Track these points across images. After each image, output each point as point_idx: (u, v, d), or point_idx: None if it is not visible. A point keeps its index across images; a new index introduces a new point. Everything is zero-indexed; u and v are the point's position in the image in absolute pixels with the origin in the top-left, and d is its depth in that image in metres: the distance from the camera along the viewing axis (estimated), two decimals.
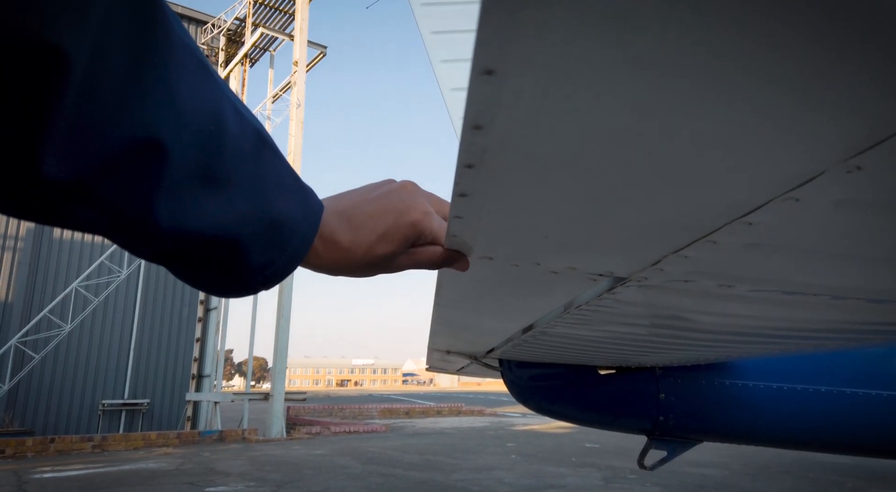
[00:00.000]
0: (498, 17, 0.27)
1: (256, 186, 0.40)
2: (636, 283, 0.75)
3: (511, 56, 0.29)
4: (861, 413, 2.18)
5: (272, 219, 0.41)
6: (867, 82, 0.31)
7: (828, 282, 0.63)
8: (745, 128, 0.36)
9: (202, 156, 0.36)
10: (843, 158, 0.37)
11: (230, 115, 0.38)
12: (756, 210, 0.47)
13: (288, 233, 0.43)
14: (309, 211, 0.45)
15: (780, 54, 0.29)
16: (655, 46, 0.28)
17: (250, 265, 0.42)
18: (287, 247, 0.43)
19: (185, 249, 0.38)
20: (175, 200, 0.36)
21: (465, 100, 0.33)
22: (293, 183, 0.44)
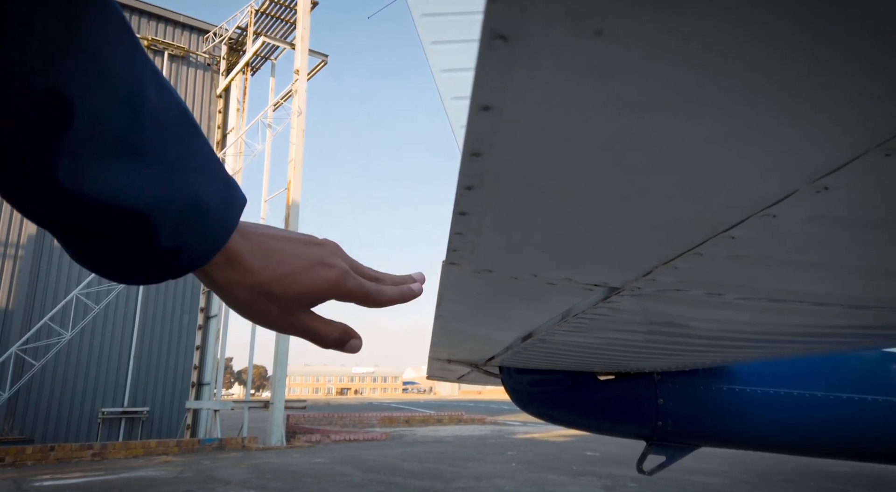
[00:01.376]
0: (494, 62, 0.30)
1: (174, 164, 0.38)
2: (630, 292, 0.79)
3: (507, 93, 0.33)
4: (857, 418, 2.21)
5: (189, 200, 0.39)
6: (831, 110, 0.35)
7: (808, 290, 0.66)
8: (725, 152, 0.39)
9: (114, 121, 0.35)
10: (811, 178, 0.41)
11: (151, 86, 0.37)
12: (737, 225, 0.50)
13: (205, 219, 0.40)
14: (231, 202, 0.43)
15: (753, 85, 0.32)
16: (634, 86, 0.32)
17: (161, 248, 0.39)
18: (203, 234, 0.41)
19: (90, 217, 0.36)
20: (81, 163, 0.34)
21: (464, 108, 0.37)
22: (217, 170, 0.42)
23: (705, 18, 0.27)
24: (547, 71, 0.31)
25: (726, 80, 0.32)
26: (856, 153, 0.36)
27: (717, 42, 0.29)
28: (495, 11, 0.27)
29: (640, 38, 0.28)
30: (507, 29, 0.28)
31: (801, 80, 0.32)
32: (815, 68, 0.31)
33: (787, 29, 0.28)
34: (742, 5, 0.26)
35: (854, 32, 0.28)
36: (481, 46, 0.29)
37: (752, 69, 0.31)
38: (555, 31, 0.28)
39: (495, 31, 0.28)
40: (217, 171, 0.42)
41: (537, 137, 0.38)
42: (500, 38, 0.28)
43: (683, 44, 0.29)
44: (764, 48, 0.29)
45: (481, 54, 0.30)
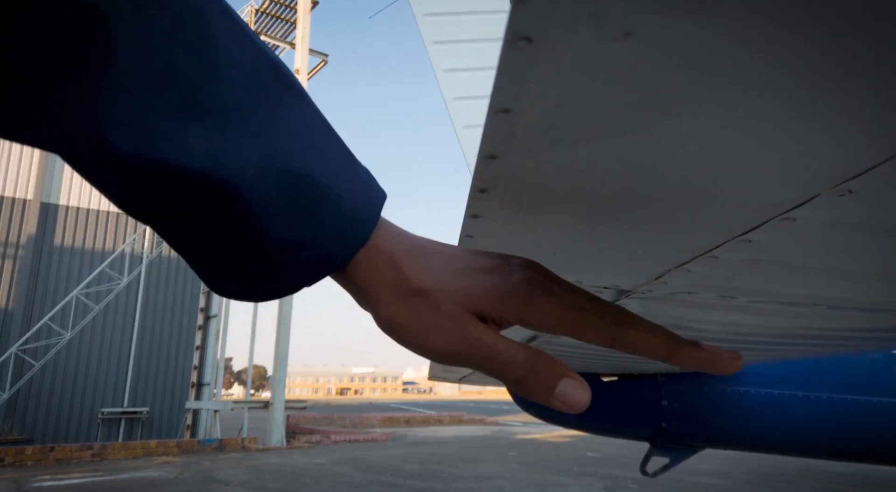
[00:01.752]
0: (517, 63, 0.29)
1: (264, 130, 0.31)
2: (640, 295, 0.78)
3: (527, 96, 0.32)
4: (862, 420, 2.20)
5: (297, 177, 0.31)
6: (857, 114, 0.34)
7: (824, 294, 0.65)
8: (745, 155, 0.39)
9: (168, 62, 0.28)
10: (835, 182, 0.40)
11: (222, 28, 0.30)
12: (755, 229, 0.50)
13: (328, 200, 0.32)
14: (366, 189, 0.35)
15: (778, 89, 0.32)
16: (660, 89, 0.31)
17: (274, 240, 0.31)
18: (330, 224, 0.32)
19: (168, 190, 0.29)
20: (132, 114, 0.28)
21: (467, 109, 0.36)
22: (338, 147, 0.34)
23: (735, 21, 0.26)
24: (571, 73, 0.30)
25: (753, 84, 0.31)
26: (882, 157, 0.35)
27: (746, 45, 0.28)
28: (521, 12, 0.26)
29: (669, 40, 0.27)
30: (532, 30, 0.27)
31: (829, 85, 0.31)
32: (844, 73, 0.30)
33: (816, 32, 0.27)
34: (773, 9, 0.26)
35: (883, 37, 0.27)
36: (504, 48, 0.29)
37: (779, 73, 0.30)
38: (581, 32, 0.27)
39: (520, 33, 0.27)
40: (339, 149, 0.34)
41: (555, 140, 0.37)
42: (524, 40, 0.28)
43: (712, 47, 0.28)
44: (792, 52, 0.29)
45: (504, 56, 0.29)
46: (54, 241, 11.93)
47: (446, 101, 2.61)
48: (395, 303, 0.34)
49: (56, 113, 0.27)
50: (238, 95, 0.30)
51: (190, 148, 0.29)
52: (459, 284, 0.34)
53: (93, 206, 12.41)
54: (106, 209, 12.51)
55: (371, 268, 0.34)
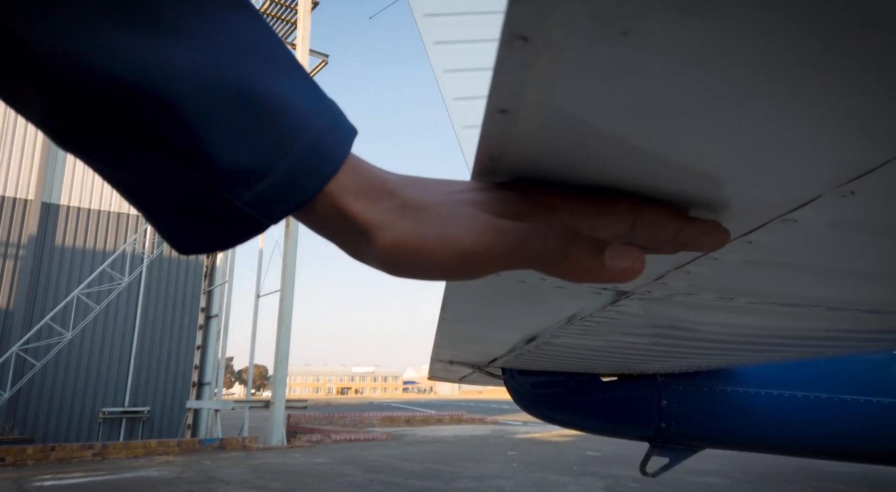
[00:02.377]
0: (513, 63, 0.29)
1: (214, 39, 0.27)
2: (639, 296, 0.78)
3: (525, 96, 0.32)
4: (861, 420, 2.20)
5: (248, 92, 0.27)
6: (859, 116, 0.33)
7: (824, 295, 0.65)
8: (746, 156, 0.38)
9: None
10: (837, 184, 0.40)
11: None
12: (756, 230, 0.49)
13: (287, 123, 0.28)
14: (332, 114, 0.31)
15: (779, 90, 0.31)
16: (659, 89, 0.30)
17: (221, 165, 0.27)
18: (290, 146, 0.28)
19: (94, 106, 0.26)
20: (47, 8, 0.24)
21: (467, 109, 0.36)
22: (297, 70, 0.30)
23: (735, 22, 0.26)
24: (568, 73, 0.30)
25: (754, 84, 0.30)
26: (885, 158, 0.35)
27: (747, 46, 0.28)
28: (517, 11, 0.25)
29: (668, 40, 0.27)
30: (528, 29, 0.27)
31: (831, 86, 0.31)
32: (846, 75, 0.30)
33: (818, 34, 0.27)
34: (774, 9, 0.25)
35: (885, 39, 0.27)
36: (500, 48, 0.28)
37: (780, 74, 0.30)
38: (578, 31, 0.26)
39: (516, 32, 0.27)
40: (301, 76, 0.30)
41: (553, 140, 0.37)
42: (520, 40, 0.27)
43: (712, 47, 0.27)
44: (793, 53, 0.28)
45: (500, 55, 0.28)
46: (55, 241, 11.94)
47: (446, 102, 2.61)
48: (402, 223, 0.31)
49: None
50: (178, 1, 0.27)
51: (118, 54, 0.25)
52: (464, 195, 0.33)
53: (94, 206, 12.41)
54: (107, 209, 12.51)
55: (359, 194, 0.31)
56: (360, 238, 0.31)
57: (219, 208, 0.29)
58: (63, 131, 0.27)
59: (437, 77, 2.61)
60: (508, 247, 0.31)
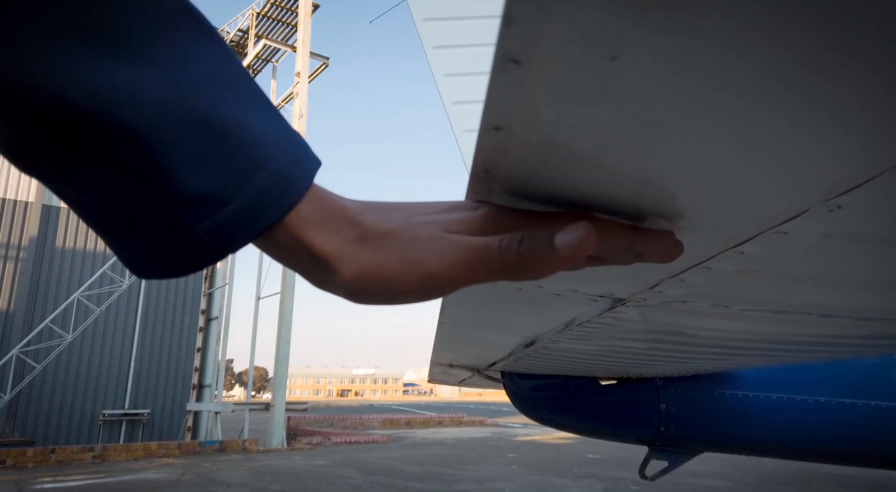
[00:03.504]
0: (506, 84, 0.30)
1: (180, 66, 0.27)
2: (635, 303, 0.78)
3: (518, 114, 0.33)
4: (860, 424, 2.20)
5: (213, 120, 0.27)
6: (847, 132, 0.34)
7: (816, 302, 0.66)
8: (736, 170, 0.39)
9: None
10: (826, 197, 0.40)
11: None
12: (747, 241, 0.50)
13: (251, 152, 0.28)
14: (296, 145, 0.31)
15: (767, 107, 0.32)
16: (648, 109, 0.31)
17: (184, 190, 0.27)
18: (253, 174, 0.28)
19: (55, 129, 0.25)
20: (9, 32, 0.24)
21: (466, 113, 0.36)
22: (262, 101, 0.31)
23: (722, 42, 0.27)
24: (559, 93, 0.31)
25: (743, 102, 0.31)
26: (872, 174, 0.36)
27: (735, 66, 0.28)
28: (509, 35, 0.26)
29: (656, 62, 0.28)
30: (520, 53, 0.27)
31: (818, 103, 0.32)
32: (833, 92, 0.31)
33: (804, 54, 0.28)
34: (759, 30, 0.26)
35: (872, 57, 0.27)
36: (493, 69, 0.29)
37: (768, 93, 0.30)
38: (568, 55, 0.27)
39: (508, 55, 0.28)
40: (266, 106, 0.31)
41: (547, 155, 0.38)
42: (513, 62, 0.28)
43: (699, 68, 0.28)
44: (780, 75, 0.29)
45: (493, 77, 0.29)
46: (56, 243, 11.95)
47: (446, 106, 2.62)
48: (363, 252, 0.31)
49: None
50: (145, 27, 0.26)
51: (83, 80, 0.25)
52: (424, 218, 0.33)
53: None
54: None
55: (321, 225, 0.31)
56: (322, 269, 0.32)
57: (177, 235, 0.29)
58: (23, 152, 0.27)
59: (437, 81, 2.62)
60: (469, 264, 0.32)
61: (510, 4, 0.24)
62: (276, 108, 0.32)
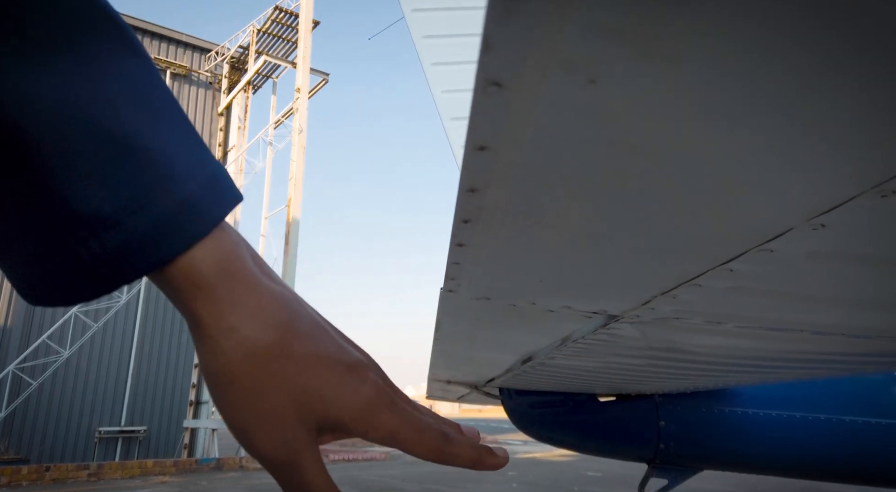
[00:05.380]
0: (489, 106, 0.30)
1: (89, 74, 0.25)
2: (629, 320, 0.78)
3: (501, 135, 0.33)
4: (860, 441, 2.19)
5: (117, 136, 0.25)
6: (827, 154, 0.35)
7: (808, 320, 0.66)
8: (722, 190, 0.40)
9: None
10: (808, 217, 0.41)
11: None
12: (736, 258, 0.50)
13: (155, 176, 0.26)
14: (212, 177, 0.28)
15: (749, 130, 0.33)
16: (628, 130, 0.32)
17: (73, 206, 0.25)
18: (152, 200, 0.26)
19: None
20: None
21: (463, 129, 0.37)
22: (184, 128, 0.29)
23: (698, 69, 0.27)
24: (541, 115, 0.31)
25: (721, 126, 0.32)
26: (852, 194, 0.36)
27: (711, 90, 0.29)
28: (489, 60, 0.27)
29: (634, 86, 0.28)
30: (500, 76, 0.28)
31: (801, 128, 0.32)
32: (813, 119, 0.31)
33: (782, 79, 0.28)
34: (736, 56, 0.27)
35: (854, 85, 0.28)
36: (476, 91, 0.30)
37: (750, 115, 0.31)
38: (549, 79, 0.28)
39: (489, 79, 0.28)
40: (187, 134, 0.29)
41: (533, 174, 0.38)
42: (494, 85, 0.29)
43: (676, 92, 0.29)
44: (760, 98, 0.30)
45: (476, 99, 0.30)
46: None
47: (443, 121, 2.64)
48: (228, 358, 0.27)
49: None
50: (58, 27, 0.25)
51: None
52: (307, 375, 0.28)
53: None
54: None
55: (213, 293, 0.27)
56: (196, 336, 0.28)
57: (64, 257, 0.26)
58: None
59: (435, 97, 2.64)
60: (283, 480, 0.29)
61: (488, 31, 0.25)
62: (199, 137, 0.30)
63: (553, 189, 0.40)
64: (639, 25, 0.25)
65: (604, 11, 0.24)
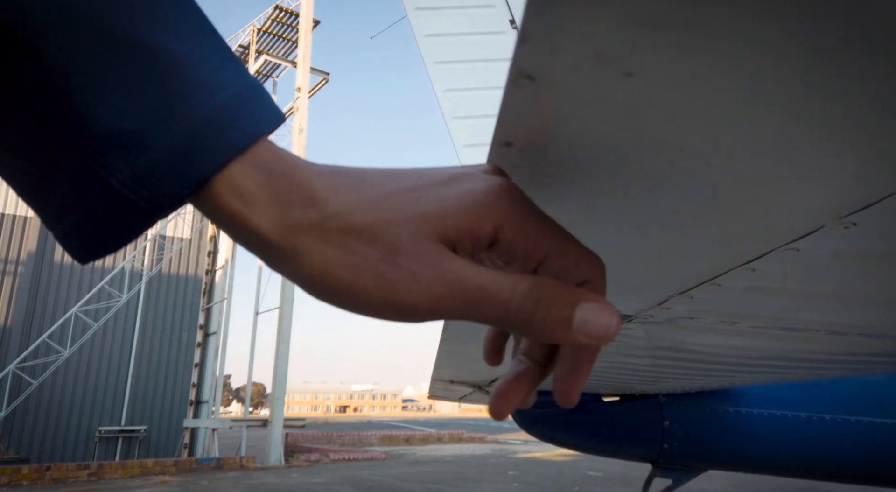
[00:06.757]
0: (519, 100, 0.29)
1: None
2: (642, 320, 0.78)
3: (530, 131, 0.32)
4: (865, 441, 2.18)
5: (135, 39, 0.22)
6: (861, 149, 0.34)
7: (825, 319, 0.65)
8: (750, 188, 0.39)
9: None
10: (840, 215, 0.40)
11: None
12: (759, 258, 0.49)
13: (183, 84, 0.23)
14: (247, 88, 0.25)
15: (781, 126, 0.32)
16: (663, 126, 0.31)
17: (94, 123, 0.22)
18: (181, 110, 0.23)
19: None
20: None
21: (466, 128, 0.36)
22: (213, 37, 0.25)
23: (737, 60, 0.26)
24: (572, 110, 0.30)
25: (757, 122, 0.31)
26: (889, 191, 0.35)
27: (749, 83, 0.28)
28: (524, 52, 0.26)
29: (671, 80, 0.27)
30: (534, 69, 0.27)
31: (835, 123, 0.31)
32: (850, 112, 0.30)
33: (820, 70, 0.27)
34: (775, 46, 0.26)
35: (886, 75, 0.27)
36: (507, 85, 0.29)
37: (783, 111, 0.30)
38: (583, 71, 0.27)
39: (523, 71, 0.27)
40: (216, 42, 0.25)
41: (558, 172, 0.37)
42: (527, 78, 0.28)
43: (714, 85, 0.28)
44: (795, 91, 0.29)
45: (507, 92, 0.29)
46: (54, 258, 11.93)
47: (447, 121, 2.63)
48: (326, 248, 0.24)
49: None
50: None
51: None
52: (410, 207, 0.25)
53: None
54: None
55: (270, 199, 0.24)
56: (271, 255, 0.25)
57: (97, 191, 0.23)
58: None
59: (438, 96, 2.63)
60: (463, 307, 0.25)
61: (526, 21, 0.24)
62: (227, 45, 0.26)
63: (577, 188, 0.39)
64: (679, 13, 0.24)
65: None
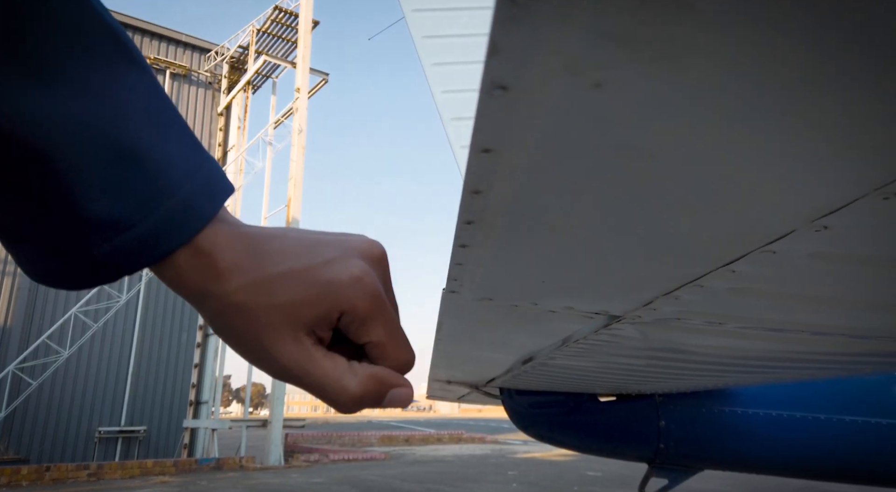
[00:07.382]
0: (494, 109, 0.31)
1: (97, 93, 0.27)
2: (630, 320, 0.79)
3: (506, 138, 0.33)
4: (861, 441, 2.19)
5: (125, 147, 0.28)
6: (830, 156, 0.35)
7: (808, 321, 0.66)
8: (725, 193, 0.40)
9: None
10: (811, 218, 0.41)
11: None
12: (738, 260, 0.51)
13: (159, 182, 0.29)
14: (207, 176, 0.31)
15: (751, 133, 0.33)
16: (633, 134, 0.32)
17: (90, 213, 0.27)
18: (158, 204, 0.29)
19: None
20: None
21: (464, 129, 0.37)
22: (179, 129, 0.31)
23: (703, 72, 0.27)
24: (546, 119, 0.31)
25: (725, 128, 0.32)
26: (855, 196, 0.36)
27: (715, 93, 0.29)
28: (495, 64, 0.27)
29: (639, 89, 0.28)
30: (506, 80, 0.28)
31: (802, 131, 0.32)
32: (816, 122, 0.31)
33: (785, 81, 0.28)
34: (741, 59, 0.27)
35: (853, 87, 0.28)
36: (481, 95, 0.30)
37: (750, 120, 0.31)
38: (554, 82, 0.28)
39: (495, 82, 0.28)
40: (182, 135, 0.31)
41: (536, 177, 0.38)
42: (500, 88, 0.29)
43: (681, 95, 0.29)
44: (760, 102, 0.30)
45: (481, 102, 0.30)
46: None
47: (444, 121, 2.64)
48: (219, 317, 0.31)
49: None
50: (67, 53, 0.27)
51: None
52: (288, 295, 0.31)
53: None
54: None
55: (192, 272, 0.31)
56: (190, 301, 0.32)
57: (77, 253, 0.29)
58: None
59: (435, 97, 2.64)
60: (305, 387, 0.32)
61: (494, 35, 0.25)
62: (194, 136, 0.32)
63: (556, 191, 0.40)
64: (643, 29, 0.25)
65: (609, 15, 0.24)
